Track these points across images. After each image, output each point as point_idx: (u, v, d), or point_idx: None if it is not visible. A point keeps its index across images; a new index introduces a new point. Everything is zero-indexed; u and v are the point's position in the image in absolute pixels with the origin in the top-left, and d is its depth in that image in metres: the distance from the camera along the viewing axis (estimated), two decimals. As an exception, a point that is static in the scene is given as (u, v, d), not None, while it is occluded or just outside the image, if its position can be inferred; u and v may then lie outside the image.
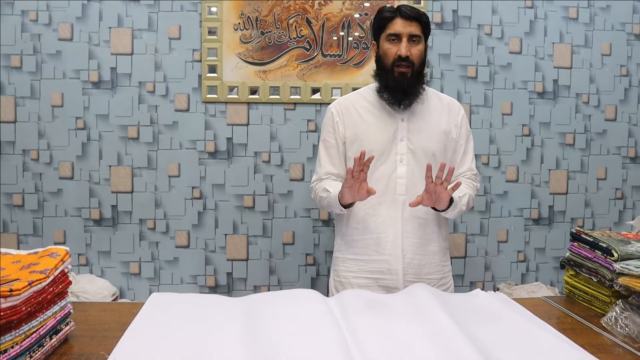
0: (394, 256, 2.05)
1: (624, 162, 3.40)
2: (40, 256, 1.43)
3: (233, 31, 3.08)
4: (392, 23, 2.02)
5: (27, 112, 3.04)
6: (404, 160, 2.05)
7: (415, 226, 2.07)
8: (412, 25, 2.01)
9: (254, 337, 1.40)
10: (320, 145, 2.20)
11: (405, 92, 2.04)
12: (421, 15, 2.03)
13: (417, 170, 2.04)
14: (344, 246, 2.16)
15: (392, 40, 2.03)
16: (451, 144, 2.14)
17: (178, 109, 3.11)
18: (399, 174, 2.05)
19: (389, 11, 2.04)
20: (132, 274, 3.15)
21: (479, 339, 1.41)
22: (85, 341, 1.46)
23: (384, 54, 2.05)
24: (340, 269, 2.17)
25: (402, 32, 2.00)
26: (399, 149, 2.06)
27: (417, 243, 2.07)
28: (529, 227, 3.35)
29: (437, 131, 2.10)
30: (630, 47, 3.34)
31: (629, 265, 1.64)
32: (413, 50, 2.02)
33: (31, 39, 3.02)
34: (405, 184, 2.05)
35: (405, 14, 2.00)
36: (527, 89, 3.28)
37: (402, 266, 2.04)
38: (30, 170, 3.07)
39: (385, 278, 2.06)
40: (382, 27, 2.05)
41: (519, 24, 3.25)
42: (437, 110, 2.13)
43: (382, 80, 2.08)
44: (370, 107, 2.12)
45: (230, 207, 3.17)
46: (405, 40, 2.00)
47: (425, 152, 2.06)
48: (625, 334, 1.54)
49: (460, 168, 2.16)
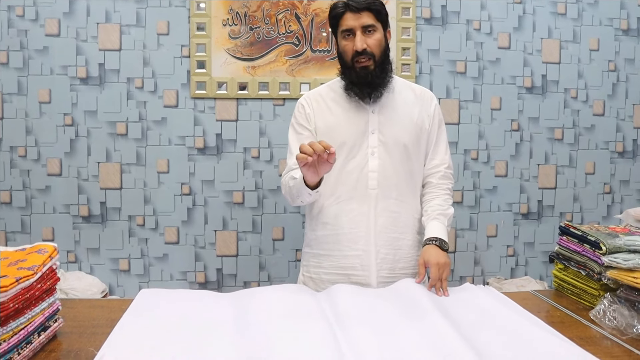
0: (366, 252, 1.99)
1: (612, 157, 3.42)
2: (28, 253, 1.41)
3: (222, 27, 3.07)
4: (343, 19, 1.95)
5: (15, 108, 3.02)
6: (376, 153, 1.99)
7: (389, 220, 2.01)
8: (363, 16, 1.92)
9: (244, 334, 1.40)
10: (291, 136, 2.10)
11: (371, 85, 1.98)
12: (371, 3, 1.94)
13: (389, 163, 2.00)
14: (315, 241, 2.09)
15: (346, 36, 1.96)
16: (424, 135, 2.07)
17: (167, 105, 3.10)
18: (371, 167, 1.99)
19: (338, 7, 1.96)
20: (122, 270, 3.14)
21: (470, 334, 1.42)
22: (74, 338, 1.45)
23: (343, 51, 1.99)
24: (310, 265, 2.11)
25: (354, 26, 1.93)
26: (370, 142, 2.00)
27: (391, 237, 2.01)
28: (518, 221, 3.37)
29: (409, 122, 2.04)
30: (618, 42, 3.36)
31: (617, 259, 1.65)
32: (369, 41, 1.94)
33: (18, 34, 3.00)
34: (377, 178, 1.99)
35: (353, 7, 1.91)
36: (515, 84, 3.30)
37: (376, 262, 1.99)
38: (17, 167, 3.05)
39: (357, 274, 2.00)
40: (336, 25, 1.99)
41: (507, 19, 3.26)
42: (409, 101, 2.08)
43: (347, 77, 2.01)
44: (340, 100, 2.05)
45: (220, 203, 3.16)
46: (360, 34, 1.92)
47: (397, 144, 2.01)
48: (614, 326, 1.55)
49: (433, 160, 2.10)
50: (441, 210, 2.02)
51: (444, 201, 2.07)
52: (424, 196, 2.10)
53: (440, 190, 2.08)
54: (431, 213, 2.02)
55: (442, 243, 1.93)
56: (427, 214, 2.03)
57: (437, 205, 2.04)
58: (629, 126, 3.42)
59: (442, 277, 1.81)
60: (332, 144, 1.81)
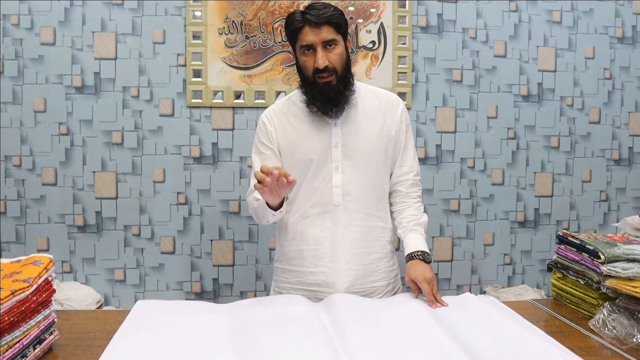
0: (331, 268, 1.94)
1: (608, 165, 3.42)
2: (23, 264, 1.40)
3: (218, 35, 3.06)
4: (302, 33, 1.84)
5: (10, 117, 3.01)
6: (340, 167, 1.93)
7: (357, 235, 1.95)
8: (323, 31, 1.82)
9: (241, 345, 1.39)
10: (253, 157, 2.02)
11: (333, 102, 1.89)
12: (331, 16, 1.83)
13: (354, 176, 1.94)
14: (284, 257, 2.04)
15: (306, 51, 1.86)
16: (391, 142, 2.00)
17: (163, 114, 3.09)
18: (334, 183, 1.93)
19: (296, 20, 1.85)
20: (117, 280, 3.12)
21: (469, 344, 1.41)
22: (70, 350, 1.44)
23: (303, 66, 1.90)
24: (279, 280, 2.06)
25: (314, 42, 1.83)
26: (333, 156, 1.93)
27: (361, 253, 1.96)
28: (514, 229, 3.36)
29: (374, 132, 1.97)
30: (613, 50, 3.37)
31: (615, 268, 1.64)
32: (331, 56, 1.85)
33: (13, 43, 2.99)
34: (340, 193, 1.93)
35: (313, 22, 1.81)
36: (512, 92, 3.30)
37: (346, 278, 1.93)
38: (12, 177, 3.03)
39: (322, 291, 1.94)
40: (294, 39, 1.89)
41: (503, 27, 3.27)
42: (374, 109, 1.99)
43: (308, 92, 1.91)
44: (301, 115, 1.97)
45: (216, 213, 3.15)
46: (320, 50, 1.83)
47: (363, 155, 1.94)
48: (613, 336, 1.54)
49: (402, 167, 2.04)
50: (416, 221, 1.99)
51: (416, 210, 2.03)
52: (394, 205, 2.06)
53: (411, 199, 2.05)
54: (407, 225, 1.99)
55: (424, 255, 1.91)
56: (402, 226, 2.00)
57: (410, 215, 2.01)
58: (624, 134, 3.43)
59: (433, 291, 1.79)
60: (296, 161, 1.84)
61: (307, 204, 1.95)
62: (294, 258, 2.00)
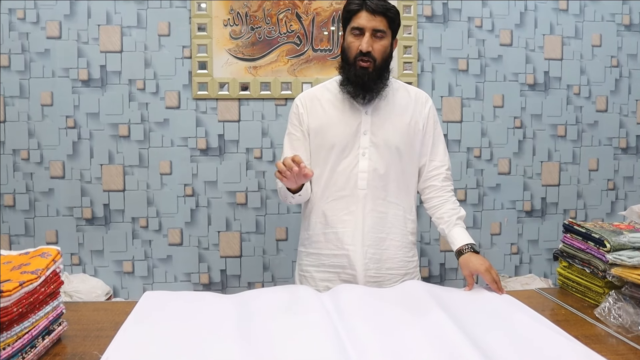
0: (353, 251, 2.02)
1: (616, 153, 3.41)
2: (32, 256, 1.42)
3: (223, 27, 3.06)
4: (357, 16, 1.94)
5: (17, 111, 3.02)
6: (367, 154, 2.01)
7: (376, 220, 2.03)
8: (377, 20, 1.92)
9: (248, 336, 1.40)
10: (285, 138, 2.15)
11: (365, 87, 1.98)
12: (388, 9, 1.94)
13: (380, 164, 2.02)
14: (307, 240, 2.13)
15: (355, 34, 1.95)
16: (418, 136, 2.08)
17: (169, 106, 3.10)
18: (361, 167, 2.01)
19: (355, 3, 1.95)
20: (125, 272, 3.14)
21: (475, 334, 1.42)
22: (79, 341, 1.45)
23: (348, 47, 1.99)
24: (303, 263, 2.15)
25: (365, 26, 1.92)
26: (361, 143, 2.02)
27: (378, 238, 2.04)
28: (521, 219, 3.36)
29: (402, 125, 2.05)
30: (620, 37, 3.34)
31: (621, 256, 1.64)
32: (376, 45, 1.95)
33: (19, 37, 3.00)
34: (366, 178, 2.01)
35: (371, 8, 1.91)
36: (518, 81, 3.29)
37: (363, 261, 2.02)
38: (20, 170, 3.05)
39: (346, 272, 2.04)
40: (348, 20, 1.99)
41: (509, 16, 3.25)
42: (404, 103, 2.08)
43: (345, 73, 2.01)
44: (334, 100, 2.07)
45: (223, 204, 3.16)
46: (368, 35, 1.92)
47: (389, 146, 2.02)
48: (619, 324, 1.54)
49: (433, 162, 2.12)
50: (457, 215, 2.07)
51: (454, 204, 2.11)
52: (430, 201, 2.13)
53: (447, 194, 2.12)
54: (449, 219, 2.06)
55: (473, 247, 2.00)
56: (445, 220, 2.07)
57: (451, 210, 2.08)
58: (632, 122, 3.41)
59: (496, 279, 1.87)
60: (324, 144, 1.97)
61: (333, 187, 2.05)
62: (317, 242, 2.09)
